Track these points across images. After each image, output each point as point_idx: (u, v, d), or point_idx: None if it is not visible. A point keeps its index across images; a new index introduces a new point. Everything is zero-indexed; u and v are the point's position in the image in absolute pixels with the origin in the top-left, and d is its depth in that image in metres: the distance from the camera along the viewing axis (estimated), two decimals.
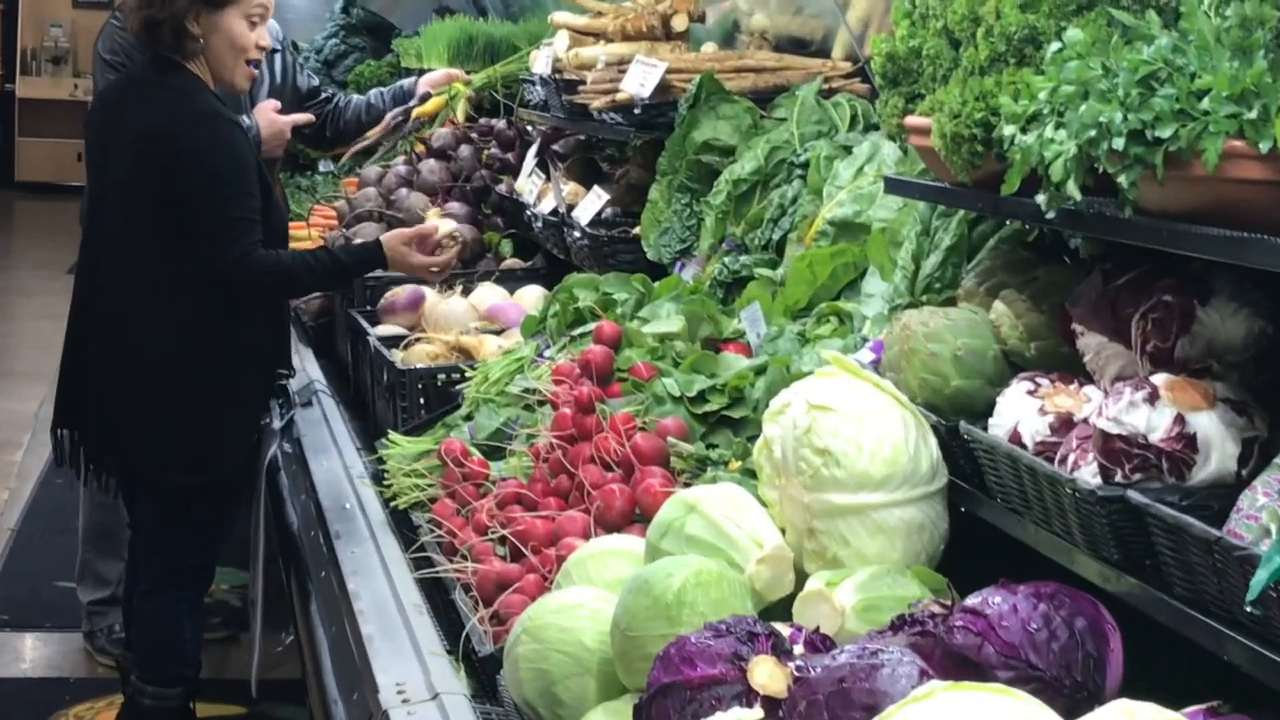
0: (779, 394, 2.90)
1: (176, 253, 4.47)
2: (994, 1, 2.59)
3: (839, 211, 3.75)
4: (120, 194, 4.55)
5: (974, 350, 2.71)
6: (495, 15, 9.11)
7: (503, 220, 6.26)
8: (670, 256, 4.54)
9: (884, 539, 2.62)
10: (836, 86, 4.56)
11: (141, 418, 4.54)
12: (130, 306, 4.53)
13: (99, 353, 4.58)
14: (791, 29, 5.19)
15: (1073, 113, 2.17)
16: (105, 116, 4.78)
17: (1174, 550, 2.12)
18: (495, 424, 3.89)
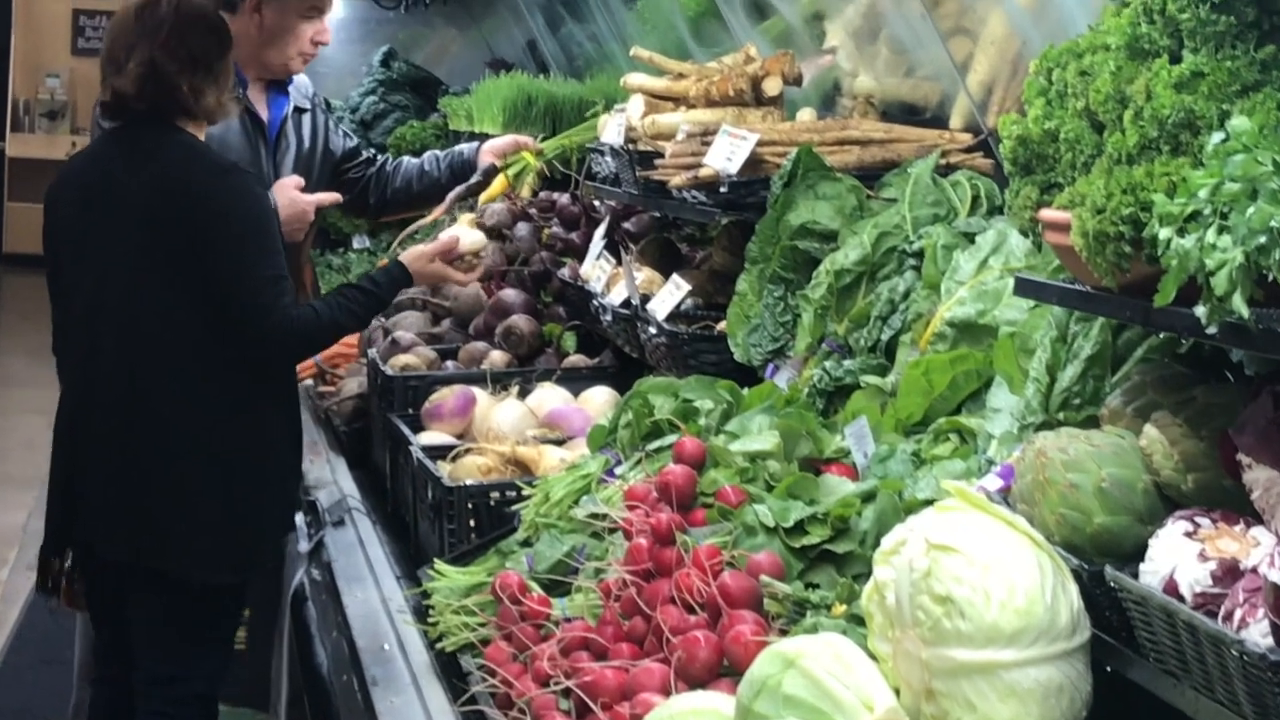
0: (892, 529, 2.88)
1: (197, 327, 4.71)
2: (1144, 79, 2.59)
3: (959, 311, 3.73)
4: (126, 268, 4.72)
5: (1121, 482, 2.69)
6: (558, 72, 9.18)
7: (566, 310, 6.28)
8: (761, 358, 4.53)
9: (1017, 703, 2.59)
10: (955, 162, 4.57)
11: (158, 509, 4.72)
12: (142, 391, 4.72)
13: (105, 444, 4.76)
14: (902, 93, 5.20)
15: (1239, 215, 2.16)
16: (85, 188, 4.89)
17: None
18: (558, 554, 3.88)
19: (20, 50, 21.63)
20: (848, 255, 4.28)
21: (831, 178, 4.58)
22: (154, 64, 4.72)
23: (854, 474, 3.68)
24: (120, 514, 4.78)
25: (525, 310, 6.23)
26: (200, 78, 4.79)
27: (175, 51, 4.75)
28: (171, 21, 4.78)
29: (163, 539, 4.76)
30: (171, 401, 4.74)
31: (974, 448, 3.42)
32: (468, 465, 4.84)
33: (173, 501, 4.75)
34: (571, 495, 4.12)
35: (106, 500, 4.79)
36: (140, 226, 4.71)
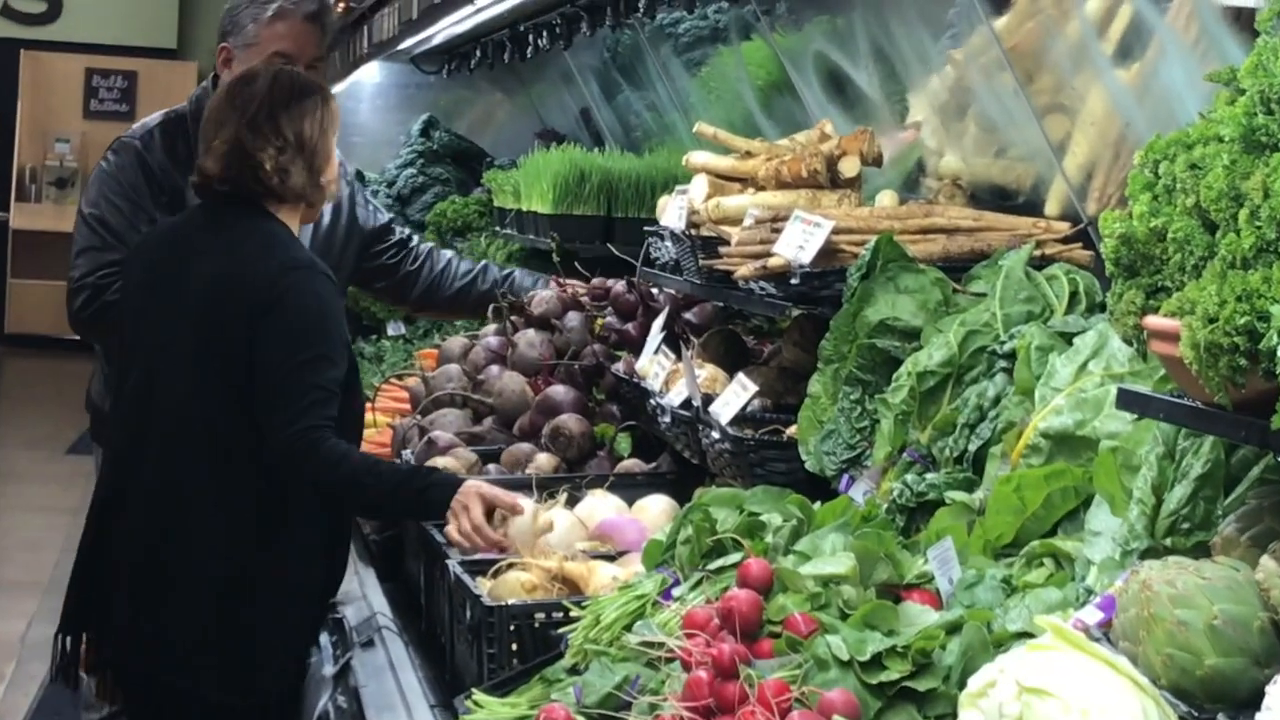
0: (980, 666, 2.88)
1: (244, 434, 4.86)
2: (1261, 175, 2.58)
3: (1055, 421, 3.72)
4: (179, 362, 4.96)
5: (1236, 619, 2.68)
6: (614, 145, 9.20)
7: (620, 410, 6.26)
8: (835, 468, 4.52)
9: None
10: (1051, 254, 4.57)
11: (180, 625, 4.92)
12: (181, 497, 4.93)
13: (133, 550, 4.96)
14: (993, 175, 5.22)
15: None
16: (155, 264, 5.07)
17: None
18: (609, 685, 3.84)
19: (27, 113, 21.80)
20: (932, 356, 4.27)
21: (914, 269, 4.58)
22: (238, 141, 4.88)
23: (937, 602, 3.66)
24: (139, 623, 4.95)
25: (575, 409, 6.21)
26: (289, 156, 4.93)
27: (262, 128, 4.90)
28: (264, 95, 4.95)
29: (175, 651, 4.93)
30: (205, 510, 4.91)
31: (1071, 574, 3.40)
32: (510, 582, 4.83)
33: (189, 615, 4.92)
34: (625, 618, 4.11)
35: (127, 606, 4.96)
36: (198, 319, 4.92)
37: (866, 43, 5.88)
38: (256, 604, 4.99)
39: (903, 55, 5.66)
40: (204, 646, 4.94)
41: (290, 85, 5.04)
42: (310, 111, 5.01)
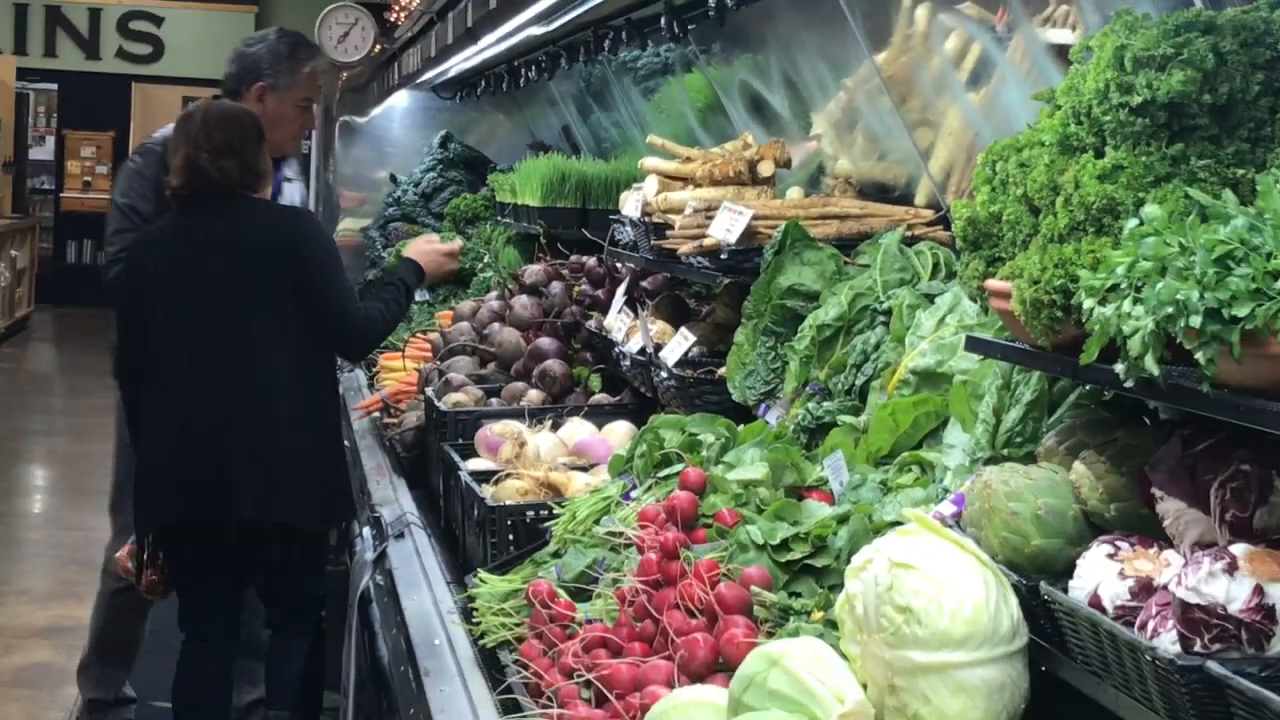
0: (862, 548, 2.88)
1: (296, 335, 5.29)
2: (1073, 171, 2.59)
3: (921, 361, 3.74)
4: (236, 300, 5.25)
5: (1054, 510, 2.69)
6: (588, 153, 9.18)
7: (592, 355, 6.27)
8: (755, 399, 4.53)
9: (965, 698, 2.59)
10: (919, 234, 4.57)
11: (286, 474, 5.25)
12: (264, 389, 5.25)
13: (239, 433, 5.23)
14: (875, 175, 5.21)
15: (1150, 289, 2.17)
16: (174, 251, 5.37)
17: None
18: (582, 565, 3.87)
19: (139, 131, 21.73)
20: (828, 313, 4.27)
21: (815, 247, 4.57)
22: (194, 156, 5.23)
23: (831, 499, 3.68)
24: (263, 482, 5.20)
25: (558, 356, 6.23)
26: (226, 160, 5.25)
27: (231, 148, 5.26)
28: (228, 123, 5.31)
29: (292, 497, 5.25)
30: (284, 394, 5.25)
31: (932, 478, 3.41)
32: (508, 488, 4.84)
33: (296, 467, 5.26)
34: (594, 515, 4.12)
35: (249, 475, 5.19)
36: (239, 268, 5.22)
37: (779, 74, 5.87)
38: (327, 452, 5.42)
39: (806, 83, 5.64)
40: (307, 493, 5.28)
41: (219, 110, 5.44)
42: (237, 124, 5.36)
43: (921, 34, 4.63)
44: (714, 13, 5.11)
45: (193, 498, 5.21)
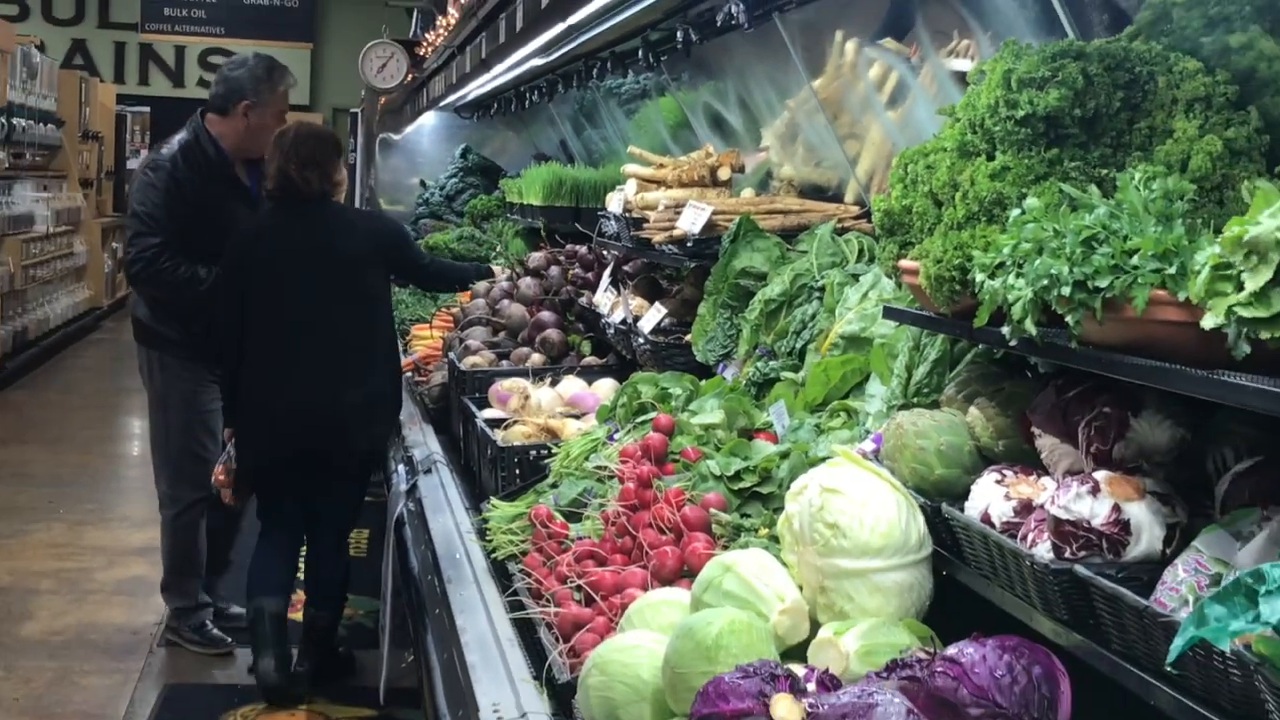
0: (798, 477, 2.89)
1: (374, 303, 5.37)
2: (969, 171, 2.60)
3: (848, 328, 3.74)
4: (327, 282, 5.28)
5: (954, 446, 2.71)
6: (580, 162, 9.17)
7: (583, 325, 6.28)
8: (714, 359, 4.53)
9: (881, 597, 2.61)
10: (848, 225, 4.57)
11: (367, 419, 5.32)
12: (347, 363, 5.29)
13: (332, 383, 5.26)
14: (813, 178, 5.21)
15: (1030, 266, 2.18)
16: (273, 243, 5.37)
17: (1111, 614, 2.11)
18: (574, 493, 3.88)
19: None
20: (773, 290, 4.28)
21: (763, 236, 4.58)
22: (285, 168, 5.25)
23: (775, 439, 3.69)
24: (368, 419, 5.32)
25: (556, 326, 6.23)
26: (324, 171, 5.28)
27: (315, 158, 5.27)
28: (309, 141, 5.31)
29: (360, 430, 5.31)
30: (382, 351, 5.39)
31: (856, 422, 3.42)
32: (515, 432, 4.85)
33: (372, 407, 5.33)
34: (584, 453, 4.13)
35: (361, 415, 5.28)
36: (354, 260, 5.30)
37: (735, 97, 5.86)
38: (390, 399, 5.42)
39: (757, 104, 5.64)
40: (364, 423, 5.31)
41: (305, 131, 5.47)
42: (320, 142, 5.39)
43: (850, 64, 4.62)
44: (681, 46, 5.09)
45: (312, 436, 5.33)
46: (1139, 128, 2.50)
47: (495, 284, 6.85)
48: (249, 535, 6.06)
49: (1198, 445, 2.31)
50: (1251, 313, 1.60)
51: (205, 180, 5.70)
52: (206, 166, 5.71)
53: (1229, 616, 1.61)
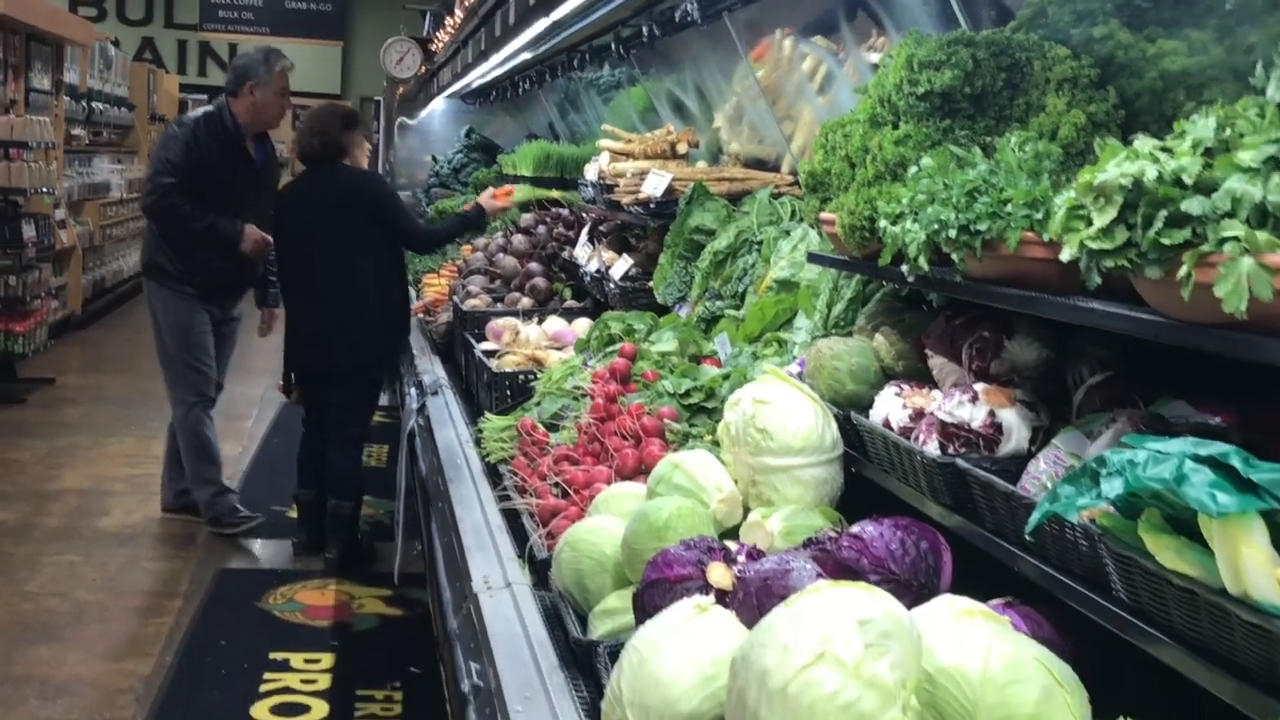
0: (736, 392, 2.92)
1: (374, 251, 5.48)
2: (878, 138, 2.61)
3: (781, 274, 3.76)
4: (335, 232, 5.45)
5: (862, 366, 2.73)
6: (565, 140, 9.12)
7: (565, 274, 6.27)
8: (672, 301, 4.54)
9: (801, 488, 2.63)
10: (783, 191, 4.57)
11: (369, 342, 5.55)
12: (354, 286, 5.48)
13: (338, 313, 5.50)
14: (756, 153, 5.20)
15: (923, 213, 2.19)
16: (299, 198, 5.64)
17: (985, 499, 2.13)
18: (554, 408, 3.90)
19: None
20: (721, 243, 4.28)
21: (713, 199, 4.58)
22: (317, 137, 5.53)
23: (719, 364, 3.71)
24: (350, 341, 5.52)
25: (542, 275, 6.22)
26: (334, 139, 5.53)
27: (325, 129, 5.53)
28: (327, 115, 5.61)
29: (365, 351, 5.56)
30: (366, 283, 5.50)
31: (786, 350, 3.44)
32: (507, 361, 4.85)
33: (373, 333, 5.55)
34: (563, 376, 4.14)
35: (340, 336, 5.50)
36: (344, 211, 5.48)
37: (692, 85, 5.83)
38: (371, 329, 5.53)
39: (710, 91, 5.61)
40: (348, 347, 5.52)
41: (329, 111, 5.70)
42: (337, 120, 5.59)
43: (787, 58, 4.60)
44: (646, 40, 5.07)
45: (310, 352, 5.66)
46: (1018, 103, 2.51)
47: (492, 240, 6.83)
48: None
49: (1059, 363, 2.33)
50: (1098, 245, 1.61)
51: (217, 144, 5.85)
52: (222, 134, 5.86)
53: (1076, 494, 1.63)
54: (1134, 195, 1.56)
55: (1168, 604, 1.60)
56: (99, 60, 13.12)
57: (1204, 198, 1.50)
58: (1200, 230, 1.50)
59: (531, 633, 2.63)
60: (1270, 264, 1.41)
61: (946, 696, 1.68)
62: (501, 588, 2.91)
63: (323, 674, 4.94)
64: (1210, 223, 1.48)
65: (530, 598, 2.86)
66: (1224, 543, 1.44)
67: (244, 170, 5.96)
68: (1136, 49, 2.34)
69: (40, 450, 8.00)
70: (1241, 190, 1.47)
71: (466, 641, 2.73)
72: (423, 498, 4.35)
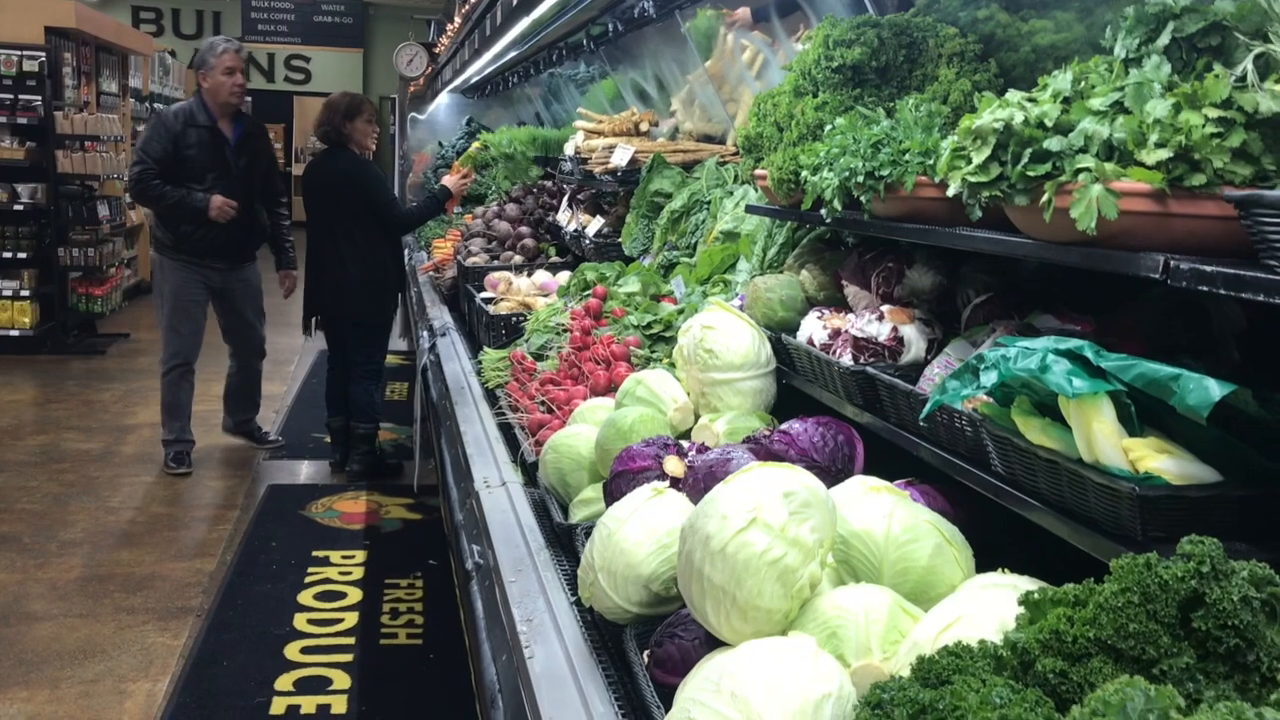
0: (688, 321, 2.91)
1: (364, 225, 5.60)
2: (800, 106, 2.59)
3: (726, 226, 3.74)
4: (336, 208, 5.60)
5: (791, 297, 2.73)
6: (550, 125, 9.03)
7: (550, 236, 6.22)
8: (637, 253, 4.51)
9: (741, 397, 2.64)
10: (728, 159, 4.51)
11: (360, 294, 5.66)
12: (348, 251, 5.62)
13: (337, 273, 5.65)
14: (706, 130, 5.14)
15: (837, 164, 2.18)
16: (316, 177, 5.75)
17: (890, 399, 2.14)
18: (540, 342, 3.88)
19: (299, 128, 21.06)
20: (677, 203, 4.25)
21: (670, 168, 4.53)
22: (324, 126, 5.66)
23: (675, 302, 3.70)
24: (351, 298, 5.66)
25: (531, 237, 6.15)
26: (336, 127, 5.66)
27: (329, 119, 5.65)
28: (332, 105, 5.72)
29: (358, 304, 5.69)
30: (359, 249, 5.64)
31: (731, 289, 3.43)
32: (502, 306, 4.81)
33: (364, 290, 5.69)
34: (548, 316, 4.11)
35: (339, 290, 5.71)
36: (340, 190, 5.58)
37: (653, 76, 5.77)
38: (385, 285, 5.73)
39: (668, 80, 5.55)
40: (374, 302, 5.71)
41: (338, 100, 5.74)
42: (344, 109, 5.65)
43: (730, 49, 4.55)
44: (612, 37, 5.01)
45: (320, 301, 5.81)
46: (915, 74, 2.49)
47: (489, 209, 6.76)
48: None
49: (951, 288, 2.34)
50: (976, 178, 1.60)
51: (191, 129, 5.68)
52: (193, 120, 5.70)
53: (961, 386, 1.64)
54: (1005, 136, 1.55)
55: (1036, 474, 1.62)
56: (158, 68, 13.10)
57: (1062, 137, 1.50)
58: (1059, 164, 1.50)
59: (523, 521, 2.64)
60: (1115, 189, 1.41)
61: (857, 554, 1.69)
62: (498, 486, 2.92)
63: (357, 567, 4.96)
64: (1067, 157, 1.48)
65: (522, 493, 2.87)
66: (1079, 419, 1.45)
67: (218, 148, 5.76)
68: (1013, 27, 2.33)
69: (118, 392, 7.95)
70: (1092, 129, 1.46)
71: (470, 530, 2.73)
72: (434, 419, 4.35)
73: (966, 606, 1.42)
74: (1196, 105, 1.36)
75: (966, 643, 1.26)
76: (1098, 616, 1.17)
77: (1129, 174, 1.40)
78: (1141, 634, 1.14)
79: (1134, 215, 1.41)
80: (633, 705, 1.74)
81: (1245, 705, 0.89)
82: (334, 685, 3.91)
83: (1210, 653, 1.15)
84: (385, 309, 5.93)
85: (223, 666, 4.02)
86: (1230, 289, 1.25)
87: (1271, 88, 1.35)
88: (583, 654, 1.90)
